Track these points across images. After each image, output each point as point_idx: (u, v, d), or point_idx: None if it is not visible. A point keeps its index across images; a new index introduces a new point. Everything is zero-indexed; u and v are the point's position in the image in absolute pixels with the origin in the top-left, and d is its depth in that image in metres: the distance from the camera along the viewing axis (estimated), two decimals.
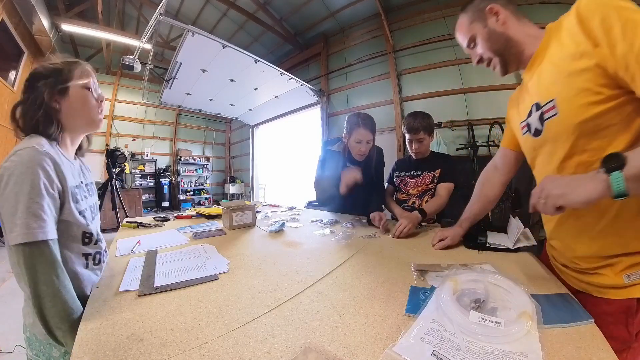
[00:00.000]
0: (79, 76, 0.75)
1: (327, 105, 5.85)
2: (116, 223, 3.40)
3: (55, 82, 0.71)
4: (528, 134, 0.76)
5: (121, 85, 7.47)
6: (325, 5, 5.21)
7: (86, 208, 0.76)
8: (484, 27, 0.77)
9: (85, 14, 5.62)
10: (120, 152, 3.36)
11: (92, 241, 0.75)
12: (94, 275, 0.76)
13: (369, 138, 1.48)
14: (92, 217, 0.79)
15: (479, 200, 1.08)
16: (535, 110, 0.71)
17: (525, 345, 0.44)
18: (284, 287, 0.70)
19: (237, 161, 9.40)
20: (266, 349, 0.46)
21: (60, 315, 0.60)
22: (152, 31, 3.84)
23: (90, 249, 0.75)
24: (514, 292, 0.56)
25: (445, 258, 0.89)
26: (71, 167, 0.75)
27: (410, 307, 0.58)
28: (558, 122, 0.64)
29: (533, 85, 0.72)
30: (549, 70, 0.66)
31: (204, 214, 1.66)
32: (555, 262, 0.82)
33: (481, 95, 4.05)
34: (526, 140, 0.79)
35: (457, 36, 0.86)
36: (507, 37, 0.74)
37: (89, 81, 0.77)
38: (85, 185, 0.82)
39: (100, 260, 0.79)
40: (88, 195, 0.81)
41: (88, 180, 0.86)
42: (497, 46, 0.76)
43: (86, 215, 0.74)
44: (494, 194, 1.06)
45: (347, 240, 1.11)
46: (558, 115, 0.63)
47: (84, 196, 0.78)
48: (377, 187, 1.66)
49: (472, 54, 0.84)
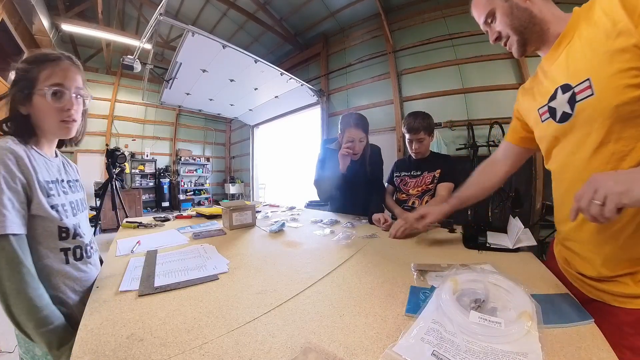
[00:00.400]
0: (45, 78, 0.71)
1: (327, 105, 5.85)
2: (116, 223, 3.40)
3: (21, 88, 0.70)
4: (550, 120, 0.69)
5: (121, 85, 7.47)
6: (325, 5, 5.21)
7: (64, 203, 0.76)
8: (505, 0, 0.71)
9: (85, 14, 5.62)
10: (120, 152, 3.36)
11: (69, 236, 0.74)
12: (78, 272, 0.75)
13: (361, 136, 1.52)
14: (73, 213, 0.78)
15: (472, 185, 1.05)
16: (562, 92, 0.64)
17: (525, 345, 0.44)
18: (284, 287, 0.70)
19: (237, 161, 9.40)
20: (266, 349, 0.46)
21: (25, 312, 0.59)
22: (152, 31, 3.84)
23: (68, 244, 0.74)
24: (514, 292, 0.56)
25: (445, 258, 0.89)
26: (47, 163, 0.75)
27: (410, 307, 0.58)
28: (594, 103, 0.57)
29: (559, 67, 0.66)
30: (581, 49, 0.60)
31: (204, 214, 1.66)
32: (568, 267, 0.75)
33: (481, 95, 4.05)
34: (546, 128, 0.72)
35: (473, 10, 0.79)
36: (531, 14, 0.68)
37: (56, 82, 0.72)
38: (67, 182, 0.82)
39: (83, 255, 0.78)
40: (69, 191, 0.81)
41: (71, 177, 0.86)
42: (519, 23, 0.70)
43: (59, 209, 0.72)
44: (491, 183, 1.02)
45: (347, 240, 1.11)
46: (594, 95, 0.57)
47: (63, 192, 0.77)
48: (377, 187, 1.66)
49: (489, 30, 0.77)
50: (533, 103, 0.77)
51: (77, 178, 0.90)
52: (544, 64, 0.73)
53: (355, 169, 1.59)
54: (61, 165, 0.84)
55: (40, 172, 0.70)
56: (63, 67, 0.74)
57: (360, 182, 1.61)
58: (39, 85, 0.71)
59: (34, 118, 0.73)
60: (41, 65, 0.72)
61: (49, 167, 0.76)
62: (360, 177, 1.60)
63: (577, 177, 0.63)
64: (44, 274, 0.69)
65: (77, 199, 0.84)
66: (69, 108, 0.74)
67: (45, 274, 0.69)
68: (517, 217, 1.01)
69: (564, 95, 0.64)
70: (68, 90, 0.74)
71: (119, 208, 3.34)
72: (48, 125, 0.75)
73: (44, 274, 0.69)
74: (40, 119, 0.73)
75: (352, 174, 1.58)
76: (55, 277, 0.71)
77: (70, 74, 0.75)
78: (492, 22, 0.75)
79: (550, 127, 0.70)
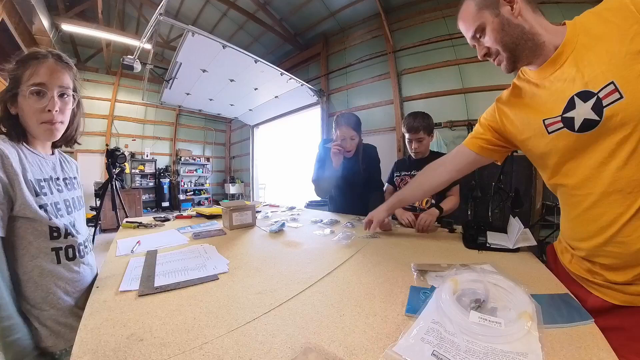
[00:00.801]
0: (28, 78, 0.69)
1: (327, 105, 5.85)
2: (116, 223, 3.40)
3: (9, 88, 0.70)
4: (563, 131, 0.64)
5: (121, 85, 7.47)
6: (325, 5, 5.21)
7: (58, 201, 0.74)
8: (495, 15, 0.68)
9: (85, 14, 5.62)
10: (120, 152, 3.36)
11: (61, 235, 0.72)
12: (70, 272, 0.74)
13: (352, 134, 1.56)
14: (67, 211, 0.77)
15: (412, 185, 1.06)
16: (582, 100, 0.60)
17: (525, 345, 0.44)
18: (284, 287, 0.70)
19: (237, 161, 9.40)
20: (266, 349, 0.46)
21: None
22: (152, 31, 3.84)
23: (60, 243, 0.72)
24: (514, 292, 0.56)
25: (445, 258, 0.89)
26: (40, 161, 0.74)
27: (410, 307, 0.58)
28: (625, 106, 0.55)
29: (565, 76, 0.63)
30: (595, 55, 0.59)
31: (204, 214, 1.66)
32: (592, 278, 0.69)
33: (481, 95, 4.05)
34: (556, 140, 0.67)
35: (461, 25, 0.76)
36: (522, 30, 0.66)
37: (37, 82, 0.69)
38: (63, 180, 0.80)
39: (76, 255, 0.76)
40: (65, 189, 0.80)
41: (68, 175, 0.84)
42: (510, 39, 0.67)
43: (49, 209, 0.71)
44: (430, 186, 1.03)
45: (347, 240, 1.11)
46: (624, 99, 0.55)
47: (57, 189, 0.76)
48: (374, 186, 1.69)
49: (477, 45, 0.74)
50: (533, 115, 0.72)
51: (74, 175, 0.88)
52: (534, 76, 0.71)
53: (349, 166, 1.62)
54: (57, 162, 0.82)
55: (31, 170, 0.69)
56: (47, 65, 0.71)
57: (356, 180, 1.63)
58: (22, 85, 0.69)
59: (21, 119, 0.71)
60: (26, 64, 0.70)
61: (42, 165, 0.74)
62: (355, 174, 1.62)
63: (611, 189, 0.59)
64: (35, 274, 0.68)
65: (73, 196, 0.82)
66: (49, 109, 0.70)
67: (36, 274, 0.68)
68: (517, 217, 1.01)
69: (586, 103, 0.60)
70: (49, 91, 0.70)
71: (119, 208, 3.34)
72: (31, 126, 0.72)
73: (35, 274, 0.68)
74: (24, 120, 0.71)
75: (347, 172, 1.61)
76: (45, 278, 0.69)
77: (56, 74, 0.72)
78: (481, 38, 0.72)
79: (565, 139, 0.65)
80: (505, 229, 1.07)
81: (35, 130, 0.73)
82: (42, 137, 0.76)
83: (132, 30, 6.51)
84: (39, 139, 0.76)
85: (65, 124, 0.77)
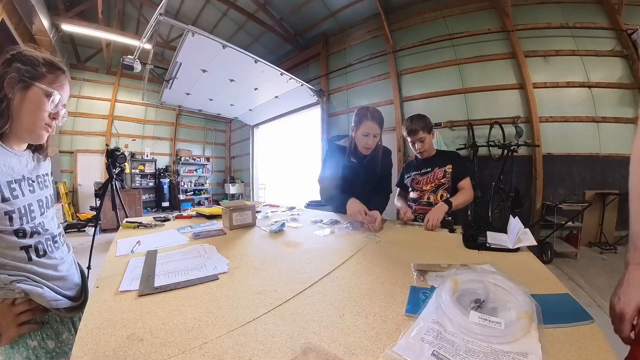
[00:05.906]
0: (50, 82, 0.72)
1: (327, 105, 5.85)
2: (116, 223, 3.39)
3: (24, 72, 0.69)
4: None
5: (121, 85, 7.47)
6: (325, 5, 5.22)
7: (31, 202, 0.72)
8: None
9: (85, 14, 5.63)
10: (120, 152, 3.36)
11: (27, 235, 0.70)
12: (43, 269, 0.73)
13: (376, 131, 1.47)
14: (40, 212, 0.75)
15: None
16: None
17: (525, 345, 0.44)
18: (284, 287, 0.70)
19: (237, 161, 9.41)
20: (266, 349, 0.46)
21: None
22: (152, 31, 3.84)
23: (28, 241, 0.71)
24: (514, 292, 0.56)
25: (445, 258, 0.89)
26: (12, 159, 0.71)
27: (410, 307, 0.58)
28: None
29: None
30: None
31: (204, 214, 1.66)
32: None
33: (481, 95, 4.06)
34: None
35: None
36: None
37: (54, 92, 0.73)
38: (36, 177, 0.78)
39: (46, 251, 0.75)
40: (37, 188, 0.77)
41: (40, 172, 0.81)
42: None
43: (16, 215, 0.68)
44: None
45: (347, 240, 1.11)
46: None
47: (29, 190, 0.73)
48: (384, 190, 1.67)
49: None
50: None
51: (46, 172, 0.84)
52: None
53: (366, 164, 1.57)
54: (30, 159, 0.78)
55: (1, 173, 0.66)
56: (65, 81, 0.78)
57: (368, 180, 1.59)
58: (42, 81, 0.71)
59: (15, 107, 0.69)
60: (51, 68, 0.74)
61: (14, 164, 0.71)
62: (367, 177, 1.58)
63: None
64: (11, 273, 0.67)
65: (45, 195, 0.80)
66: (54, 117, 0.76)
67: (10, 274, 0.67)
68: (517, 217, 1.01)
69: None
70: (63, 103, 0.77)
71: (119, 208, 3.33)
72: (27, 121, 0.71)
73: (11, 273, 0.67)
74: (22, 110, 0.70)
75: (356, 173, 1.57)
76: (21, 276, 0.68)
77: (67, 90, 0.78)
78: None
79: None
80: (505, 229, 1.07)
81: (30, 125, 0.72)
82: (32, 137, 0.74)
83: (132, 30, 6.51)
84: (23, 137, 0.74)
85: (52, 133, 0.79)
